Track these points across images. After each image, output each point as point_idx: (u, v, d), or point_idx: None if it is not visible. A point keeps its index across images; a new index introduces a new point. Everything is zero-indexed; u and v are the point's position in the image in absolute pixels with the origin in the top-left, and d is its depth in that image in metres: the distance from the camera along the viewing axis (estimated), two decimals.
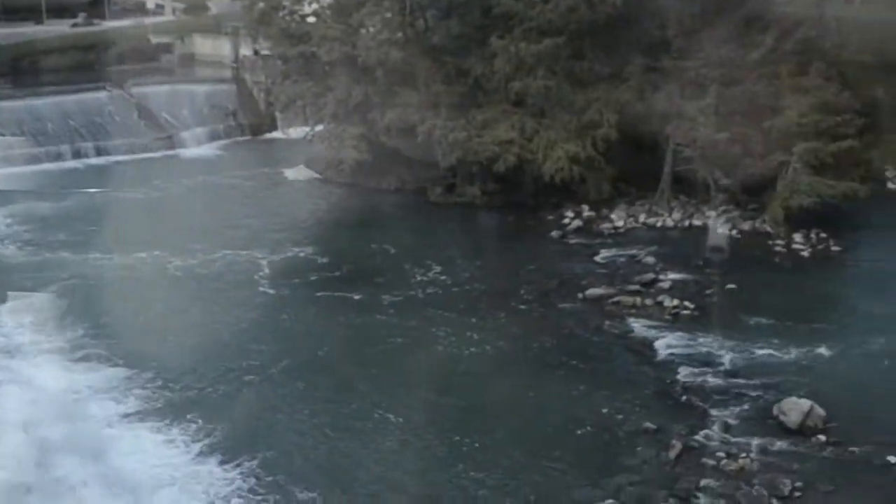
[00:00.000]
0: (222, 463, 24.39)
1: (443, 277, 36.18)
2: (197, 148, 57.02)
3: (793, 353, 29.76)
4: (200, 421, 26.14)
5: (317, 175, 50.31)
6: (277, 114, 59.30)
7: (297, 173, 51.12)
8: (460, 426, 26.08)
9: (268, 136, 60.22)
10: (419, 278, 36.09)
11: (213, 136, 58.64)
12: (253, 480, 23.75)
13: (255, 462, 24.37)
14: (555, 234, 41.35)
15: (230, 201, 46.25)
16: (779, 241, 39.95)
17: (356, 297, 34.19)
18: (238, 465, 24.27)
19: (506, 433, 25.84)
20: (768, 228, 41.02)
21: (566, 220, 42.66)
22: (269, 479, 23.78)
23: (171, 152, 55.80)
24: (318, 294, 34.75)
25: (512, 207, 44.06)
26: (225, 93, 61.90)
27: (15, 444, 24.66)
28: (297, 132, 54.25)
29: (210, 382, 28.28)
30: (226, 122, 60.02)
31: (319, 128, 49.60)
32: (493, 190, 45.11)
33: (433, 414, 26.65)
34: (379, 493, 23.41)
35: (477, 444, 25.28)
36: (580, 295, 34.69)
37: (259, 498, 23.20)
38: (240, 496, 23.25)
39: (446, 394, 27.79)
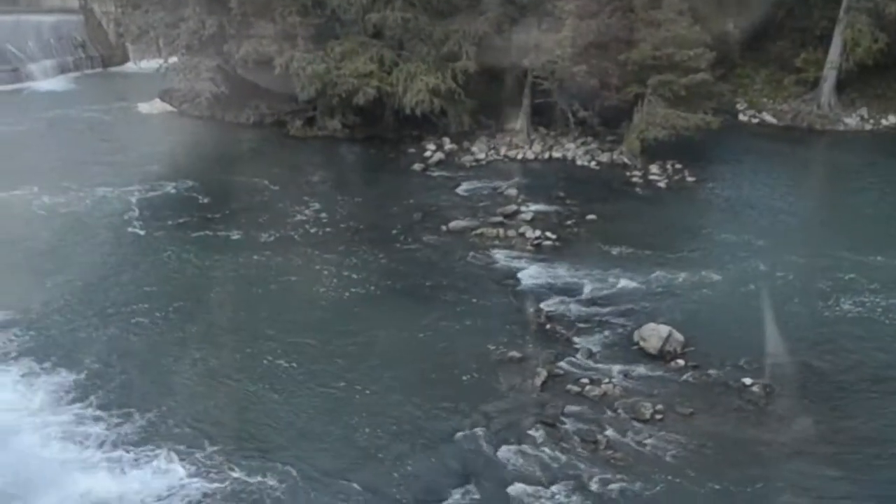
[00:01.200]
0: (84, 408, 23.69)
1: (306, 212, 35.76)
2: (45, 81, 54.89)
3: (652, 281, 30.49)
4: (64, 365, 25.26)
5: (172, 108, 48.99)
6: (129, 45, 57.33)
7: (151, 107, 49.69)
8: (325, 361, 25.94)
9: (120, 68, 58.32)
10: (281, 213, 35.61)
11: (63, 69, 56.49)
12: (117, 427, 23.13)
13: (122, 409, 23.74)
14: (417, 166, 41.29)
15: (86, 136, 44.72)
16: (636, 173, 40.81)
17: (219, 235, 33.54)
18: (101, 410, 23.64)
19: (371, 366, 25.80)
20: (626, 160, 41.86)
21: (428, 153, 42.66)
22: (136, 424, 23.23)
23: (18, 86, 53.58)
24: (182, 232, 33.86)
25: (374, 141, 43.81)
26: (73, 23, 59.53)
27: None
28: (150, 64, 52.53)
29: (77, 326, 27.31)
30: (75, 54, 57.84)
31: (173, 60, 48.09)
32: (354, 123, 44.73)
33: (299, 349, 26.42)
34: (244, 435, 23.10)
35: (342, 378, 25.18)
36: (444, 227, 34.80)
37: (121, 443, 22.67)
38: (103, 443, 22.66)
39: (312, 328, 27.55)
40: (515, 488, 21.57)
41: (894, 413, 24.04)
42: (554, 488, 21.52)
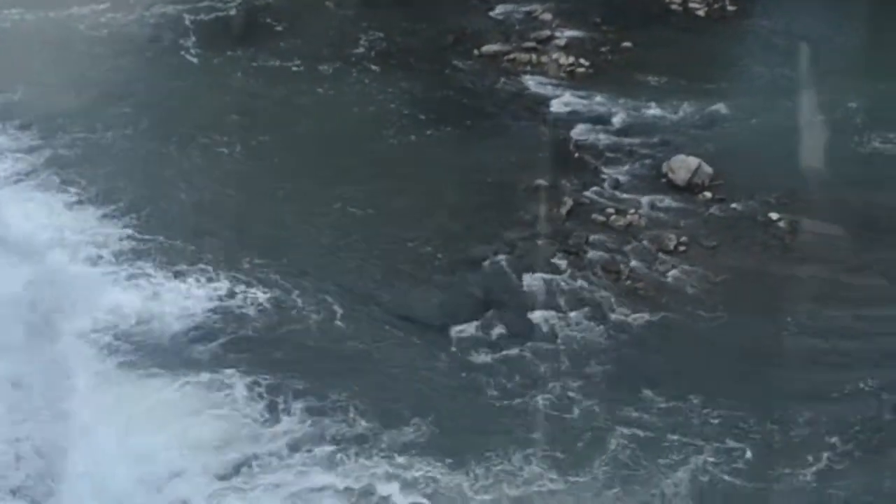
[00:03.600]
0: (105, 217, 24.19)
1: (332, 35, 35.05)
2: None
3: (684, 112, 29.96)
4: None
5: None
6: None
7: None
8: (352, 182, 26.00)
9: None
10: (309, 34, 34.88)
11: None
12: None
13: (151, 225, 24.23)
14: None
15: None
16: (675, 0, 39.64)
17: (230, 51, 33.07)
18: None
19: (398, 188, 25.84)
20: None
21: None
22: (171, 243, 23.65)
23: None
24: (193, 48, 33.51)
25: None
26: None
27: None
28: None
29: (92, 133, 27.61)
30: None
31: None
32: None
33: (327, 169, 26.50)
34: (273, 252, 23.41)
35: (368, 199, 25.27)
36: (476, 52, 34.10)
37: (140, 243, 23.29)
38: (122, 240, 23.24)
39: (339, 150, 27.54)
40: (536, 315, 21.86)
41: None
42: (574, 315, 21.78)
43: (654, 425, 18.96)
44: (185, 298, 21.86)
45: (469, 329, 21.39)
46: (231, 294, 22.02)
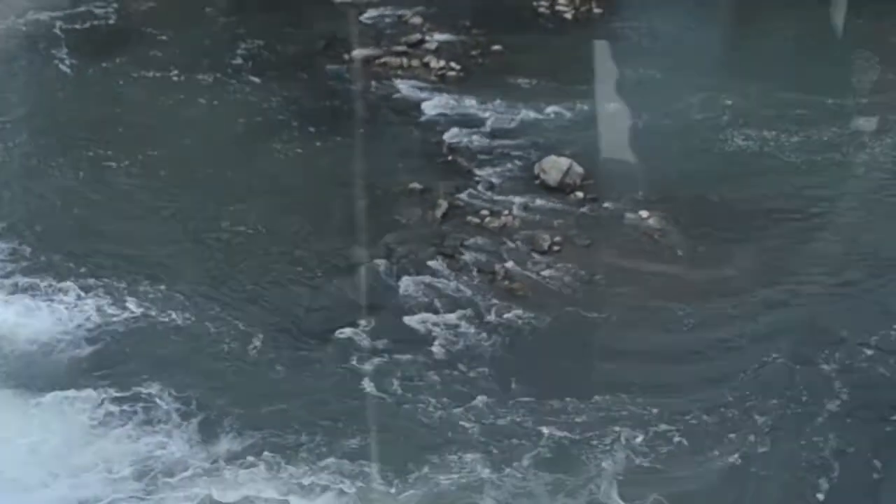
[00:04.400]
0: None
1: (204, 41, 34.49)
2: None
3: (554, 113, 30.36)
4: None
5: None
6: None
7: None
8: (218, 191, 25.70)
9: None
10: (174, 42, 34.21)
11: None
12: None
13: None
14: None
15: None
16: (543, 3, 39.99)
17: (106, 61, 32.21)
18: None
19: (268, 196, 25.64)
20: None
21: None
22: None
23: None
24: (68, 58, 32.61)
25: None
26: None
27: None
28: None
29: None
30: None
31: None
32: None
33: (191, 179, 26.09)
34: (138, 265, 22.95)
35: (237, 208, 25.02)
36: (347, 56, 34.00)
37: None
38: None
39: (204, 158, 27.15)
40: (414, 318, 21.91)
41: (785, 246, 24.71)
42: (452, 317, 21.91)
43: (528, 423, 19.17)
44: (59, 316, 21.26)
45: (349, 334, 21.30)
46: (108, 311, 21.51)
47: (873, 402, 19.89)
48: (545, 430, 18.98)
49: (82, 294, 21.88)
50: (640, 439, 18.91)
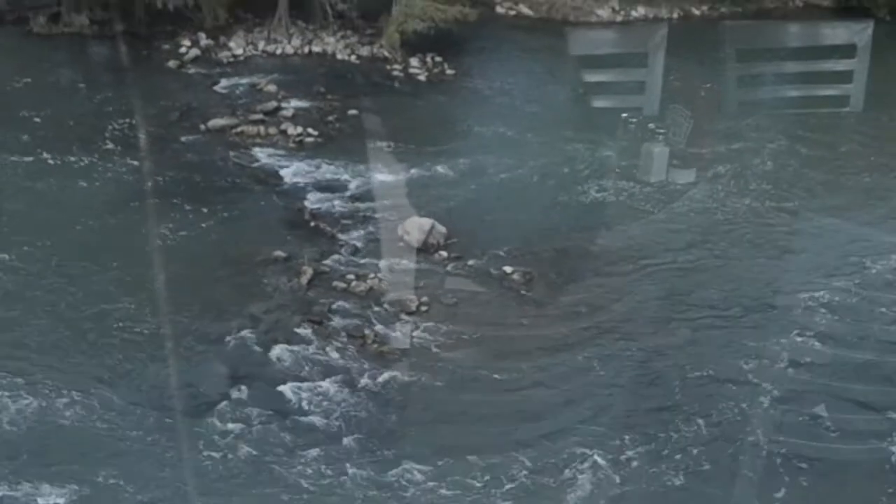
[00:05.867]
0: None
1: (52, 116, 33.77)
2: None
3: (413, 175, 30.89)
4: None
5: None
6: None
7: None
8: (67, 272, 24.94)
9: None
10: (26, 119, 33.45)
11: None
12: None
13: None
14: (172, 64, 39.74)
15: None
16: (396, 66, 40.78)
17: None
18: None
19: (123, 274, 25.00)
20: (386, 54, 41.70)
21: (183, 50, 41.04)
22: None
23: None
24: None
25: (125, 38, 41.53)
26: None
27: None
28: None
29: None
30: None
31: None
32: (103, 19, 42.41)
33: (35, 262, 25.23)
34: None
35: (90, 290, 24.31)
36: (202, 126, 33.87)
37: None
38: None
39: (52, 238, 26.25)
40: (287, 387, 21.68)
41: (633, 290, 25.61)
42: (324, 384, 21.75)
43: (405, 485, 19.14)
44: None
45: (219, 408, 20.88)
46: None
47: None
48: (416, 490, 19.00)
49: None
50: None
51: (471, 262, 26.32)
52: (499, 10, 49.50)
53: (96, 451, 19.63)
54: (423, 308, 24.37)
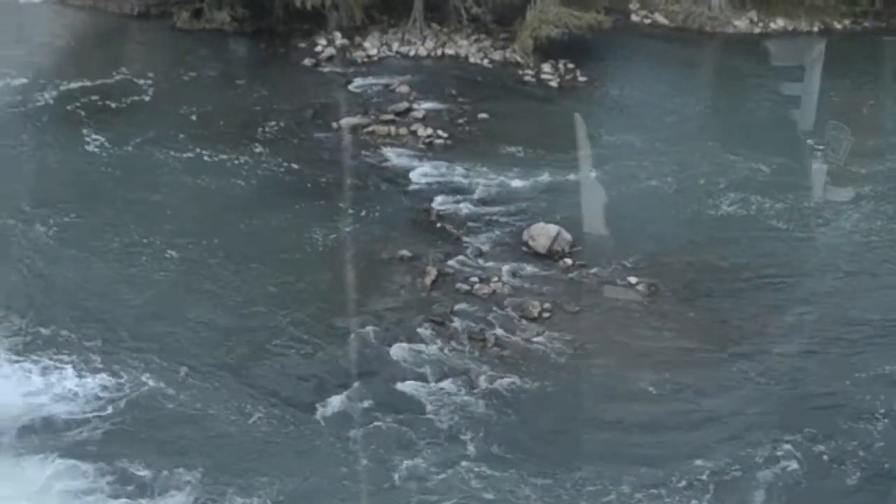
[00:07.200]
0: None
1: (193, 109, 34.86)
2: None
3: (541, 180, 30.75)
4: None
5: None
6: None
7: None
8: (209, 260, 25.74)
9: None
10: (169, 111, 34.61)
11: None
12: None
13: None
14: (307, 62, 40.47)
15: None
16: (528, 72, 40.70)
17: (102, 132, 32.37)
18: None
19: (257, 265, 25.69)
20: (518, 58, 41.65)
21: (319, 49, 41.77)
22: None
23: None
24: (55, 132, 32.69)
25: (263, 35, 42.69)
26: None
27: None
28: None
29: None
30: None
31: None
32: (243, 16, 43.43)
33: (181, 250, 26.07)
34: (127, 339, 22.85)
35: (228, 278, 25.09)
36: (335, 125, 34.39)
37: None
38: None
39: (196, 228, 27.23)
40: (405, 385, 21.86)
41: (767, 310, 24.90)
42: (443, 384, 21.87)
43: (522, 492, 19.07)
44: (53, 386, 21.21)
45: (338, 402, 21.21)
46: (91, 378, 21.39)
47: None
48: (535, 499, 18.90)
49: (76, 365, 21.73)
50: None
51: (595, 271, 26.06)
52: (634, 18, 48.99)
53: (217, 437, 20.19)
54: (545, 314, 24.24)
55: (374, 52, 42.16)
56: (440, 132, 34.08)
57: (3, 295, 23.83)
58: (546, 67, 40.85)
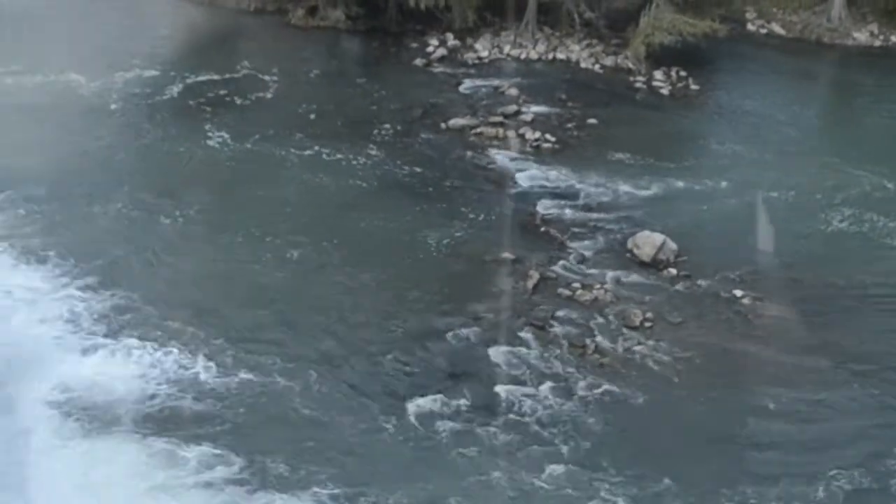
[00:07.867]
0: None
1: (305, 105, 35.33)
2: None
3: (649, 188, 30.39)
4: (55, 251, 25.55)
5: None
6: None
7: None
8: (315, 254, 26.07)
9: None
10: (282, 106, 35.16)
11: None
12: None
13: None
14: (419, 62, 40.71)
15: (78, 22, 43.46)
16: (640, 78, 40.27)
17: (226, 127, 32.97)
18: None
19: (362, 260, 25.89)
20: (630, 65, 41.26)
21: (430, 49, 41.98)
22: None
23: None
24: (175, 125, 33.42)
25: (376, 34, 43.07)
26: None
27: None
28: None
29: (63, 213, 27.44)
30: None
31: None
32: (357, 14, 43.90)
33: (290, 241, 26.45)
34: (231, 327, 23.34)
35: (331, 272, 25.40)
36: (443, 125, 34.49)
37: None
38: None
39: (305, 221, 27.64)
40: (503, 388, 21.84)
41: (881, 331, 24.24)
42: (541, 389, 21.79)
43: (618, 502, 18.93)
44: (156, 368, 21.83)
45: (434, 401, 21.31)
46: (191, 365, 21.90)
47: None
48: None
49: (181, 350, 22.34)
50: None
51: (700, 282, 25.68)
52: (749, 27, 48.10)
53: (297, 428, 20.57)
54: (648, 324, 23.99)
55: (485, 53, 42.20)
56: (548, 136, 33.94)
57: (130, 284, 24.40)
58: (658, 74, 40.40)
